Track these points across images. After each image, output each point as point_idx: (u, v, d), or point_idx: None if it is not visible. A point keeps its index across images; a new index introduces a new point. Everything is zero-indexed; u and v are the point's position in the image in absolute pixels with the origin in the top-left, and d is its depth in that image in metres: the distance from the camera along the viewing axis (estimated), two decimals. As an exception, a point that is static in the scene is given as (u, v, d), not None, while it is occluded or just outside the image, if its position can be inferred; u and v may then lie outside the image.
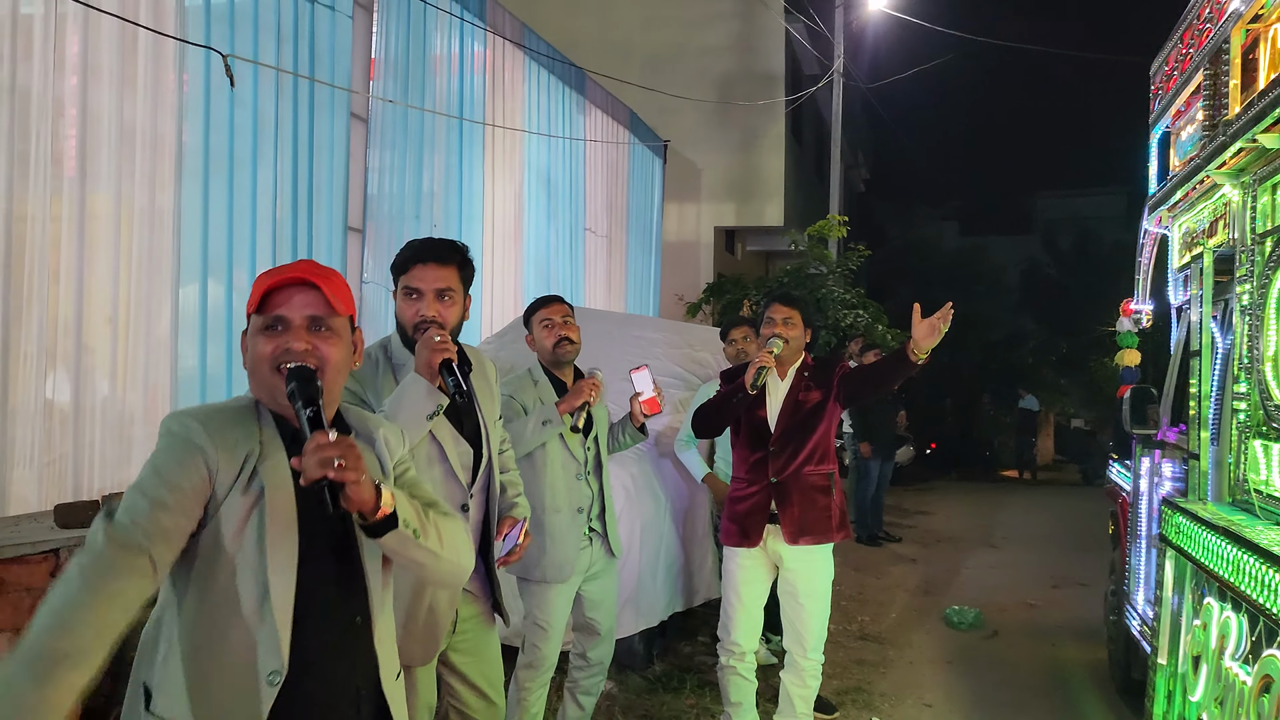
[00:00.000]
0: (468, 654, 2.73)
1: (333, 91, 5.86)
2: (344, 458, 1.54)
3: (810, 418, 3.89)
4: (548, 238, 8.89)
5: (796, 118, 16.25)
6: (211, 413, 1.70)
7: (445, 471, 2.56)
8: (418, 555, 1.73)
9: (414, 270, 2.55)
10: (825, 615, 3.95)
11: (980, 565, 8.70)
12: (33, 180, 4.07)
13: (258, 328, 1.72)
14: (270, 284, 1.71)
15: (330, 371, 1.73)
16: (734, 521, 3.96)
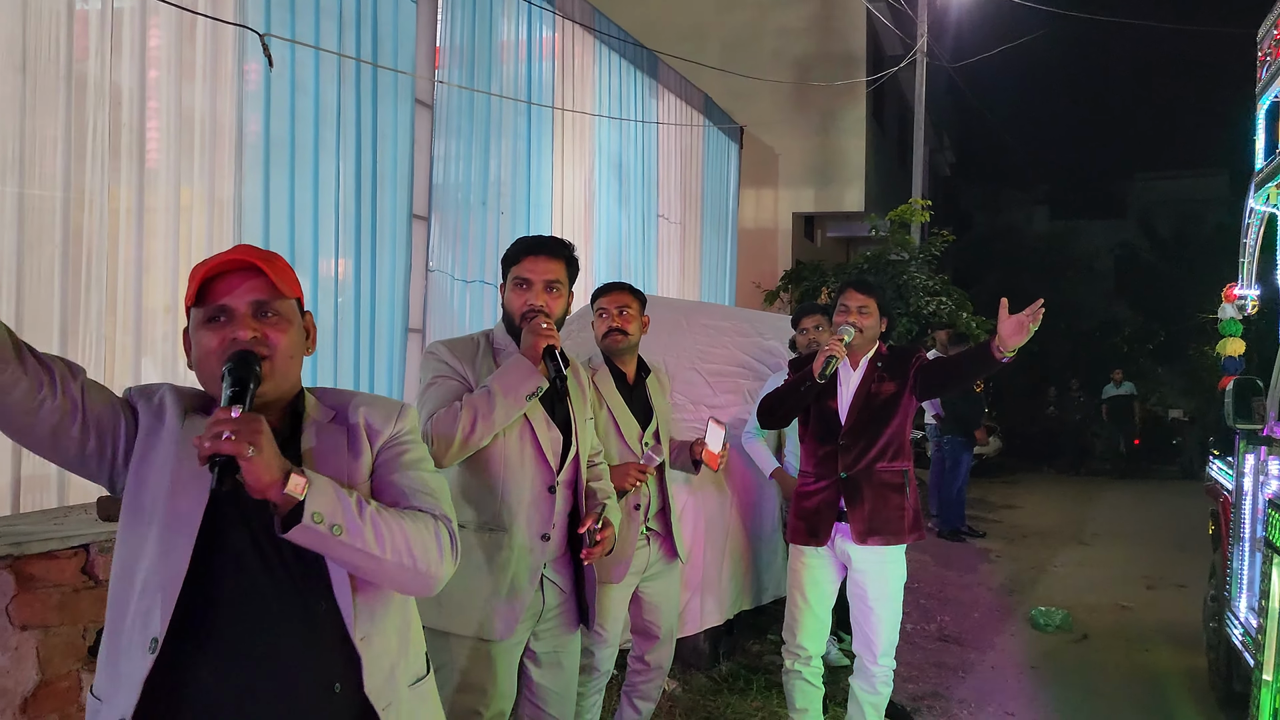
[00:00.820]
0: (547, 644, 2.76)
1: (396, 78, 5.80)
2: (238, 431, 1.40)
3: (884, 410, 3.68)
4: (619, 225, 8.75)
5: (878, 100, 15.83)
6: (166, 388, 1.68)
7: (535, 453, 2.66)
8: (345, 555, 1.54)
9: (526, 261, 2.68)
10: (897, 619, 3.73)
11: (1069, 563, 8.31)
12: (90, 169, 4.06)
13: (200, 321, 1.61)
14: (207, 272, 1.59)
15: (281, 358, 1.62)
16: (801, 519, 3.77)
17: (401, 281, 5.87)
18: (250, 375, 1.52)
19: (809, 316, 5.06)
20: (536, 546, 2.64)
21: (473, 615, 2.56)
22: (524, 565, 2.61)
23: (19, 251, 3.82)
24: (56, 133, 3.95)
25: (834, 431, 3.70)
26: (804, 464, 3.86)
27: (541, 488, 2.65)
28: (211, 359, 1.59)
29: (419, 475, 1.75)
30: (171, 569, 1.53)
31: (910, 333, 11.37)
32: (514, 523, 2.60)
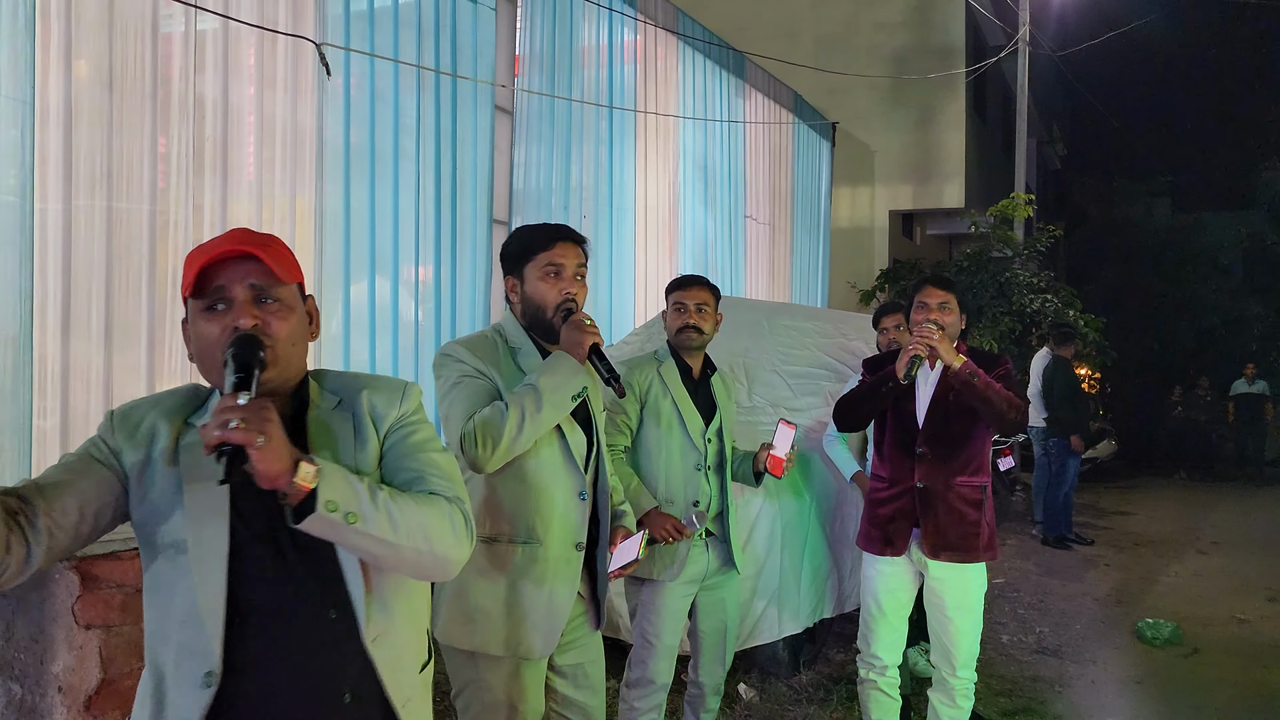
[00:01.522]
0: (572, 652, 2.61)
1: (476, 85, 5.86)
2: (246, 419, 1.34)
3: (965, 416, 3.49)
4: (705, 226, 8.68)
5: (979, 92, 15.37)
6: (132, 404, 1.61)
7: (565, 458, 2.51)
8: (361, 543, 1.48)
9: (557, 248, 2.50)
10: (977, 629, 3.56)
11: (1183, 573, 7.88)
12: (175, 182, 4.21)
13: (199, 310, 1.55)
14: (204, 261, 1.51)
15: (283, 346, 1.56)
16: (876, 526, 3.62)
17: (483, 286, 5.93)
18: (254, 359, 1.46)
19: (889, 315, 4.91)
20: (573, 557, 2.50)
21: (509, 634, 2.42)
22: (561, 577, 2.48)
23: (108, 262, 3.97)
24: (143, 147, 4.10)
25: (911, 437, 3.54)
26: (877, 468, 3.72)
27: (573, 494, 2.50)
28: (213, 349, 1.52)
29: (428, 457, 1.68)
30: (210, 599, 1.48)
31: (1014, 331, 10.99)
32: (549, 533, 2.46)
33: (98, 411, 3.94)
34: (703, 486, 3.37)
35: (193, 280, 1.51)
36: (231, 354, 1.45)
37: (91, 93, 3.94)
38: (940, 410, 3.52)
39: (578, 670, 2.62)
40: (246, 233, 1.60)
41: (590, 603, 2.65)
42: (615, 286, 7.31)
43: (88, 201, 3.93)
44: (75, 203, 3.88)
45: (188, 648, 1.49)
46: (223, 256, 1.52)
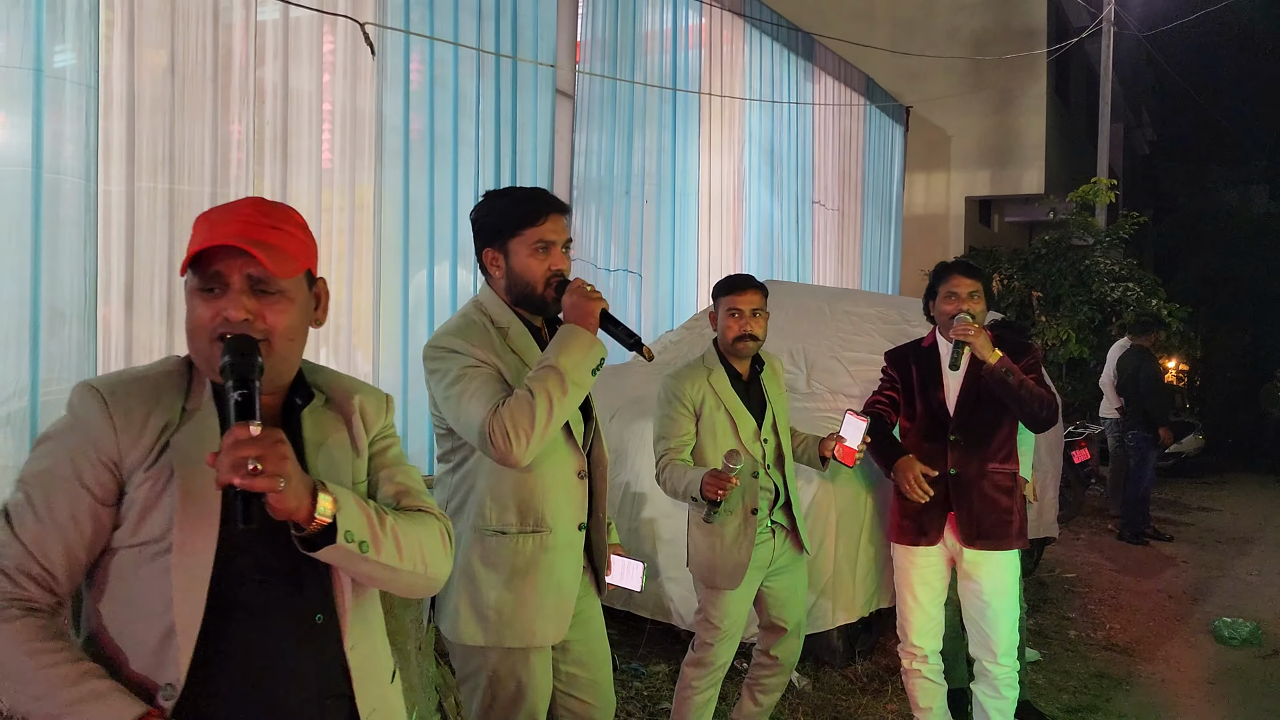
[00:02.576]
0: (574, 628, 2.52)
1: (536, 69, 5.86)
2: (263, 458, 1.28)
3: (997, 403, 3.43)
4: (771, 212, 8.57)
5: (1061, 74, 14.90)
6: (121, 383, 1.47)
7: (566, 437, 2.42)
8: (368, 570, 1.47)
9: (548, 223, 2.39)
10: (1014, 616, 3.50)
11: (1266, 572, 7.54)
12: (234, 166, 4.29)
13: (194, 287, 1.46)
14: (202, 245, 1.43)
15: (279, 341, 1.48)
16: (908, 518, 3.56)
17: (543, 271, 5.93)
18: (251, 369, 1.38)
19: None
20: (575, 540, 2.45)
21: (524, 626, 2.36)
22: (567, 562, 2.42)
23: (170, 244, 4.07)
24: (204, 132, 4.18)
25: (942, 425, 3.51)
26: (909, 450, 3.64)
27: (573, 475, 2.43)
28: (202, 333, 1.45)
29: (407, 470, 1.66)
30: (189, 611, 1.39)
31: (1093, 320, 10.65)
32: (556, 519, 2.39)
33: (160, 389, 4.04)
34: (760, 488, 3.32)
35: (187, 260, 1.44)
36: (228, 364, 1.38)
37: (154, 79, 4.03)
38: (971, 397, 3.48)
39: (581, 646, 2.55)
40: (256, 209, 1.51)
41: (589, 572, 2.57)
42: (677, 274, 7.26)
43: (150, 184, 4.02)
44: (138, 185, 3.97)
45: (157, 657, 1.40)
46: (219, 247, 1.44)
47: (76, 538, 1.40)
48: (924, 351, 3.63)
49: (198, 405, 1.49)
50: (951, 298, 3.45)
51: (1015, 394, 3.34)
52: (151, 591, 1.40)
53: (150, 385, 1.48)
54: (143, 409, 1.44)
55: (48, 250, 3.60)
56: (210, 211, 1.51)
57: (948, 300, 3.46)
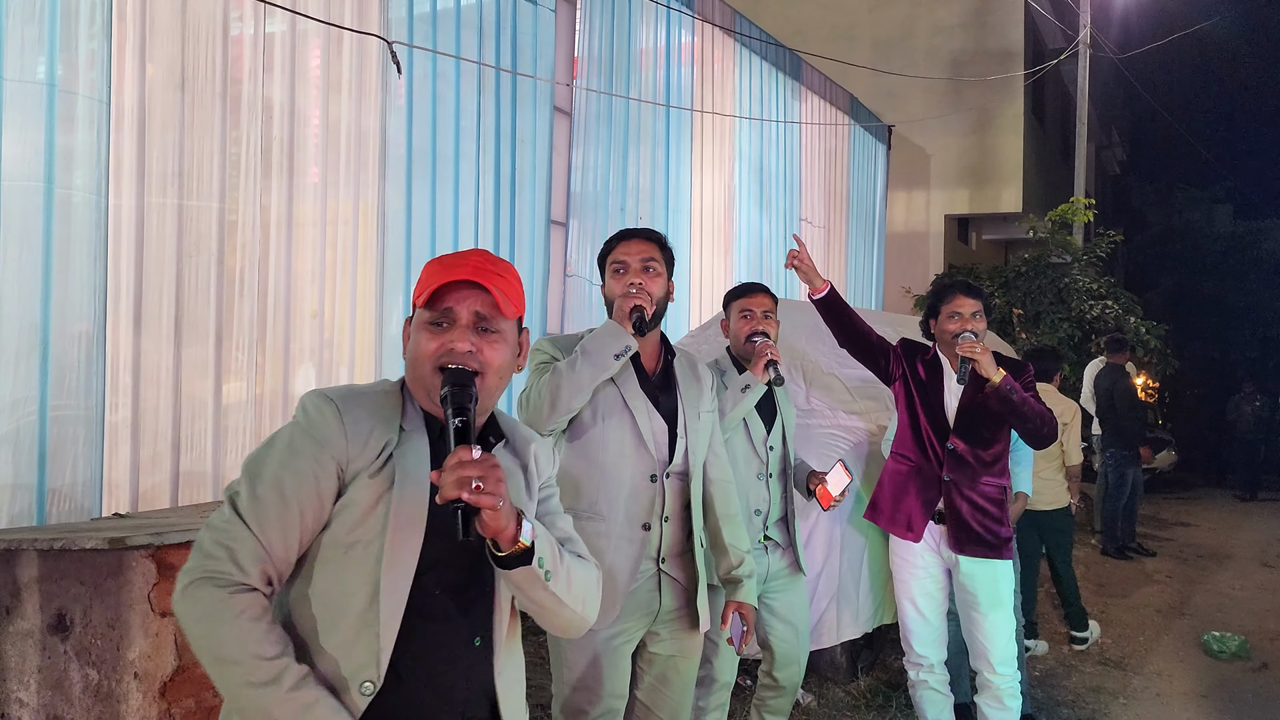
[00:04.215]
0: (667, 647, 2.69)
1: (535, 85, 5.89)
2: (484, 479, 1.40)
3: (996, 417, 3.54)
4: (760, 229, 8.63)
5: (1038, 95, 15.13)
6: (351, 396, 1.60)
7: (635, 440, 2.61)
8: (543, 598, 1.58)
9: (619, 248, 2.71)
10: (1011, 627, 3.59)
11: (1249, 587, 7.67)
12: (244, 182, 4.28)
13: (423, 321, 1.62)
14: (441, 281, 1.59)
15: (491, 376, 1.62)
16: (900, 510, 3.67)
17: (540, 286, 5.96)
18: (468, 398, 1.52)
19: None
20: (637, 536, 2.59)
21: None
22: (622, 555, 2.56)
23: (178, 260, 4.05)
24: (213, 147, 4.17)
25: (942, 431, 3.61)
26: (902, 447, 3.75)
27: (642, 477, 2.59)
28: (425, 362, 1.60)
29: (565, 521, 1.79)
30: (390, 610, 1.50)
31: (1073, 338, 10.80)
32: (613, 511, 2.57)
33: (168, 406, 4.01)
34: (762, 493, 3.38)
35: (429, 295, 1.59)
36: (449, 393, 1.52)
37: (164, 93, 4.01)
38: (971, 410, 3.57)
39: (667, 663, 2.69)
40: (485, 258, 1.67)
41: (689, 598, 2.69)
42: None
43: (159, 199, 4.00)
44: (148, 200, 3.95)
45: (352, 650, 1.50)
46: (458, 283, 1.60)
47: (297, 532, 1.51)
48: (928, 360, 3.71)
49: (413, 427, 1.61)
50: (955, 317, 3.54)
51: (1019, 411, 3.43)
52: (356, 588, 1.51)
53: (373, 402, 1.61)
54: (369, 421, 1.57)
55: (59, 266, 3.56)
56: (442, 257, 1.68)
57: (951, 320, 3.55)
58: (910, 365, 3.72)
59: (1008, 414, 3.45)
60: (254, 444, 4.29)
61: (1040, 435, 3.51)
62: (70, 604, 2.62)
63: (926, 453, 3.62)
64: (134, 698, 2.49)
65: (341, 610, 1.50)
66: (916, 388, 3.67)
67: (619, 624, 2.57)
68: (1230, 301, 18.90)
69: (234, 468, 4.22)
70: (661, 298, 2.67)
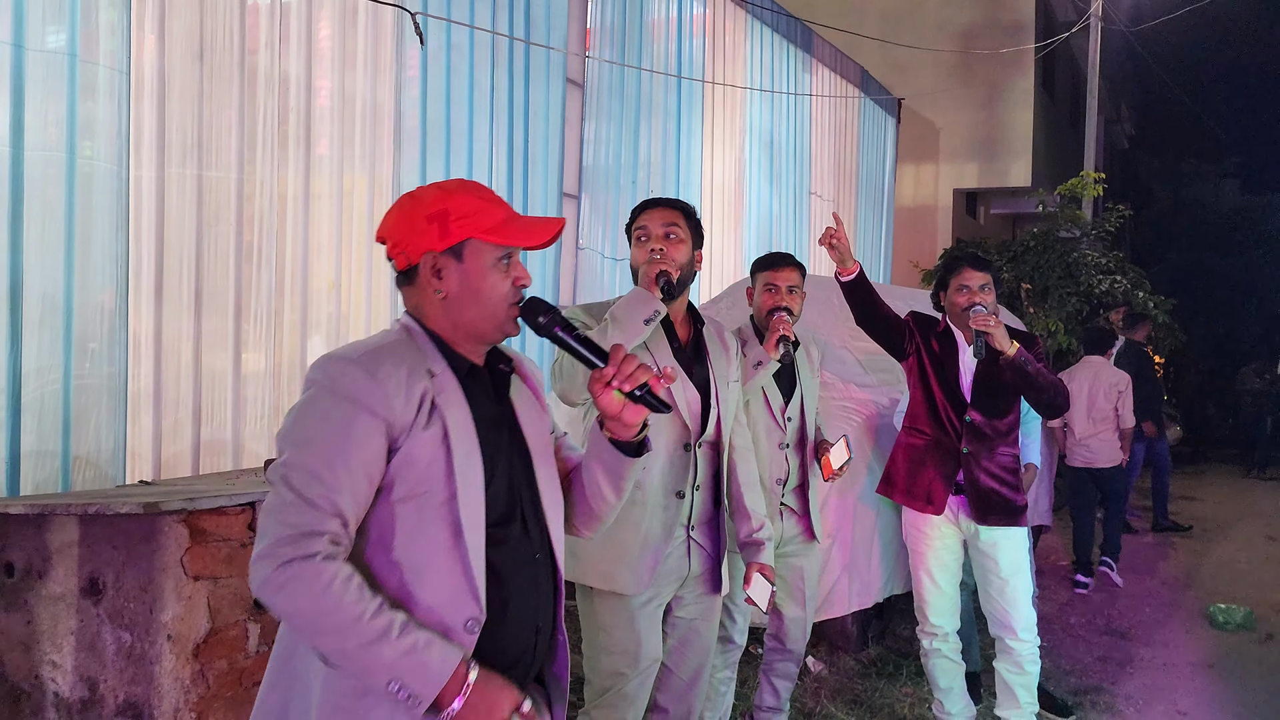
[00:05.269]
0: (690, 610, 2.75)
1: (548, 57, 5.89)
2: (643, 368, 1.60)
3: (1008, 389, 3.57)
4: (770, 202, 8.64)
5: (1048, 69, 15.05)
6: (370, 354, 1.56)
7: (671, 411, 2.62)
8: (629, 483, 1.77)
9: (642, 215, 2.73)
10: (1030, 591, 3.64)
11: (1254, 559, 7.73)
12: (261, 154, 4.30)
13: (495, 260, 1.62)
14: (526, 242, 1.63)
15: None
16: (917, 483, 3.69)
17: (552, 259, 5.98)
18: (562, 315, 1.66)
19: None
20: (671, 504, 2.63)
21: (606, 569, 2.59)
22: (657, 521, 2.61)
23: (198, 230, 4.08)
24: (231, 119, 4.19)
25: (958, 403, 3.63)
26: (915, 421, 3.76)
27: (677, 446, 2.63)
28: (502, 302, 1.63)
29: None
30: (475, 547, 1.55)
31: (1080, 313, 10.80)
32: (648, 479, 2.59)
33: (188, 375, 4.06)
34: (783, 463, 3.42)
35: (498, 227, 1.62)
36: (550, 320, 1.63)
37: (183, 64, 4.03)
38: (987, 381, 3.59)
39: (690, 626, 2.75)
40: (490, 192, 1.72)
41: (714, 564, 2.75)
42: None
43: (179, 170, 4.03)
44: (168, 171, 3.98)
45: (449, 594, 1.53)
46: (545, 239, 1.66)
47: (361, 493, 1.51)
48: (941, 334, 3.72)
49: (440, 369, 1.61)
50: (963, 290, 3.54)
51: (1033, 382, 3.45)
52: (436, 535, 1.54)
53: (394, 354, 1.58)
54: (398, 374, 1.55)
55: (80, 235, 3.60)
56: (473, 190, 1.66)
57: (959, 293, 3.55)
58: (924, 339, 3.72)
59: (1022, 385, 3.48)
60: (272, 414, 4.34)
61: (1054, 405, 3.55)
62: (103, 568, 2.67)
63: (944, 426, 3.64)
64: (167, 659, 2.54)
65: (427, 559, 1.53)
66: (930, 362, 3.68)
67: (653, 589, 2.63)
68: (1236, 276, 18.86)
69: (253, 437, 4.27)
70: (686, 264, 2.67)
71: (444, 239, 1.60)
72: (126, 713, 2.63)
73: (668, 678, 2.76)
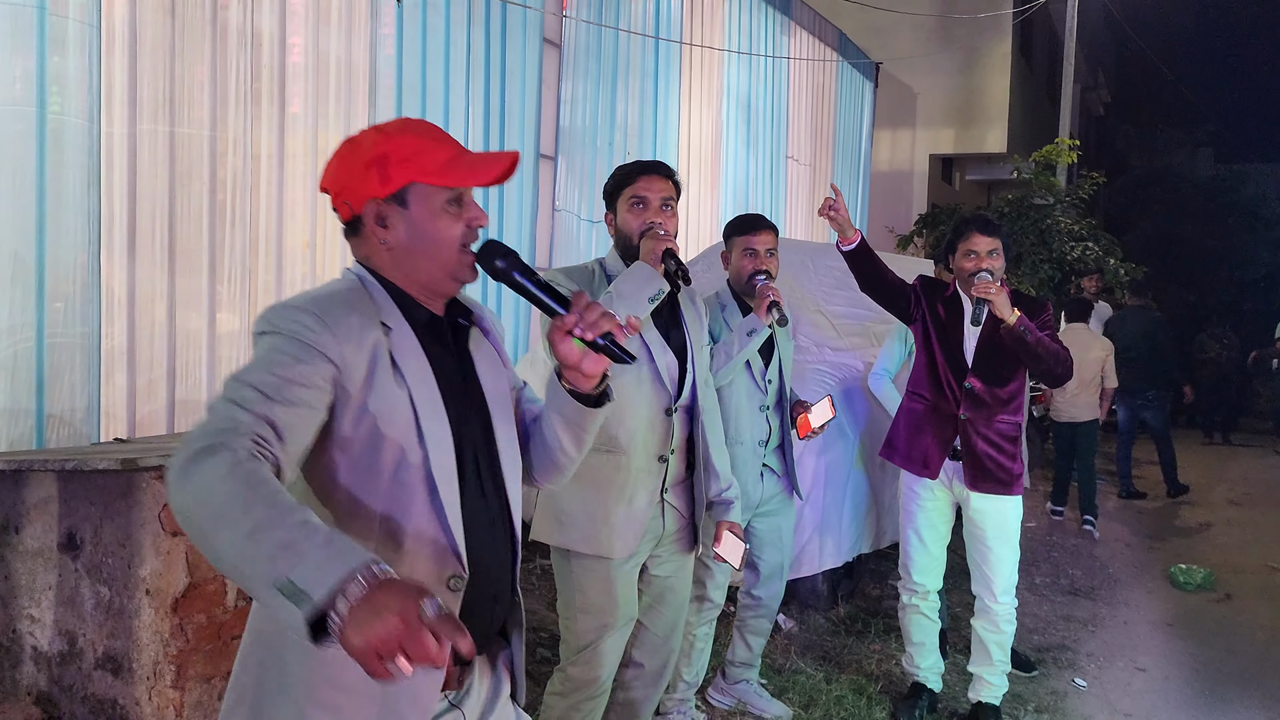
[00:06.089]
0: (665, 568, 2.80)
1: (525, 16, 5.84)
2: (605, 316, 1.50)
3: (1012, 358, 3.55)
4: (747, 166, 8.64)
5: (1026, 35, 15.06)
6: (320, 300, 1.46)
7: (653, 376, 2.66)
8: (590, 436, 1.70)
9: (641, 181, 2.66)
10: (1015, 556, 3.68)
11: (1216, 522, 7.90)
12: (234, 111, 4.26)
13: (444, 203, 1.52)
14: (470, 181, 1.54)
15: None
16: (915, 448, 3.71)
17: (529, 221, 5.97)
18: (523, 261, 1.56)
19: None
20: (654, 468, 2.66)
21: (592, 533, 2.61)
22: (641, 486, 2.64)
23: (171, 188, 4.04)
24: (203, 75, 4.14)
25: (959, 369, 3.62)
26: (918, 386, 3.76)
27: (658, 411, 2.65)
28: (452, 245, 1.53)
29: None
30: (453, 505, 1.50)
31: (1053, 279, 10.91)
32: (632, 444, 2.62)
33: (162, 334, 4.04)
34: (763, 425, 3.47)
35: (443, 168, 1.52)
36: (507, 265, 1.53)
37: (154, 18, 3.98)
38: (988, 350, 3.57)
39: (665, 584, 2.80)
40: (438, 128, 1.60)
41: (689, 524, 2.80)
42: (658, 224, 7.32)
43: (150, 126, 3.99)
44: (140, 127, 3.94)
45: (426, 553, 1.48)
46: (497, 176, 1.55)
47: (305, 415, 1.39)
48: (948, 299, 3.69)
49: (394, 320, 1.52)
50: (971, 255, 3.49)
51: (1033, 351, 3.42)
52: (411, 496, 1.48)
53: (343, 301, 1.49)
54: (348, 318, 1.46)
55: (52, 191, 3.57)
56: (413, 128, 1.57)
57: (966, 258, 3.50)
58: (930, 304, 3.70)
59: (1022, 354, 3.46)
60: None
61: (1055, 375, 3.51)
62: (81, 524, 2.68)
63: (944, 391, 3.63)
64: (146, 613, 2.57)
65: (404, 519, 1.47)
66: (935, 327, 3.67)
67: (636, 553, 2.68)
68: (1208, 245, 19.04)
69: (228, 396, 4.26)
70: (674, 235, 2.66)
71: (386, 185, 1.51)
72: (106, 665, 2.66)
73: (643, 634, 2.82)
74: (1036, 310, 3.58)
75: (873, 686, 4.06)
